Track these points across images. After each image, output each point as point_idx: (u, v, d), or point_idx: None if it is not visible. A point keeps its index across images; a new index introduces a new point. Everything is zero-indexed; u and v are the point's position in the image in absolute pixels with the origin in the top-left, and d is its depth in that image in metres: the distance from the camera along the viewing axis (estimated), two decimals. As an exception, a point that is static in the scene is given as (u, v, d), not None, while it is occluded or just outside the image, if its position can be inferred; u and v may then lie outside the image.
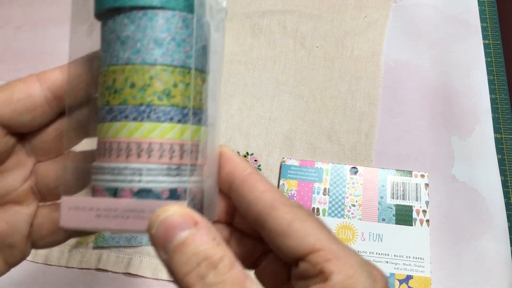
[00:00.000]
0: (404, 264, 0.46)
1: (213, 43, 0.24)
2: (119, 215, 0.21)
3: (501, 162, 0.52)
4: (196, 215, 0.20)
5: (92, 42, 0.24)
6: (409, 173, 0.50)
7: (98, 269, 0.48)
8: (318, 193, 0.50)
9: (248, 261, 0.26)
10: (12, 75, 0.63)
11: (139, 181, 0.21)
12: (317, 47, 0.60)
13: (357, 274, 0.20)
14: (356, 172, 0.51)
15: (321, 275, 0.20)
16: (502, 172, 0.51)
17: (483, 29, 0.60)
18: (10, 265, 0.25)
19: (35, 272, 0.48)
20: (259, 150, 0.54)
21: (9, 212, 0.25)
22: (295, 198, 0.50)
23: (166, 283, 0.47)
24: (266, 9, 0.63)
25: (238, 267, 0.19)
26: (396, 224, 0.48)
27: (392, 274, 0.46)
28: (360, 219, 0.48)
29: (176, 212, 0.20)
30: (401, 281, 0.46)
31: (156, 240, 0.20)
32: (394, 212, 0.49)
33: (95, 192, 0.22)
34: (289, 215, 0.22)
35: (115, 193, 0.22)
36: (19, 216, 0.25)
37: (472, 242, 0.48)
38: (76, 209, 0.21)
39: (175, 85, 0.22)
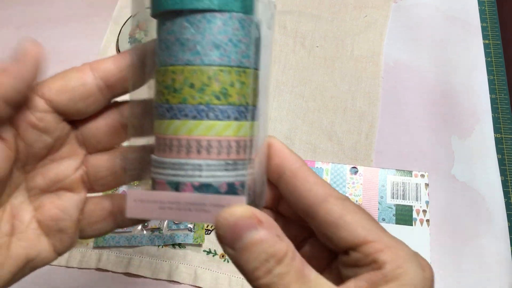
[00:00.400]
0: (404, 264, 0.46)
1: (264, 39, 0.25)
2: (182, 208, 0.22)
3: (501, 162, 0.52)
4: (260, 214, 0.21)
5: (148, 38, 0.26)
6: (409, 173, 0.50)
7: (98, 269, 0.48)
8: (318, 193, 0.50)
9: None
10: (12, 75, 0.63)
11: (200, 176, 0.23)
12: (317, 47, 0.60)
13: (408, 263, 0.21)
14: (356, 172, 0.51)
15: (373, 264, 0.22)
16: (502, 172, 0.51)
17: (483, 29, 0.60)
18: (58, 252, 0.27)
19: (35, 272, 0.48)
20: (259, 150, 0.54)
21: (61, 198, 0.26)
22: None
23: (166, 283, 0.47)
24: (266, 9, 0.63)
25: (298, 256, 0.21)
26: (396, 224, 0.48)
27: (392, 274, 0.46)
28: (360, 219, 0.48)
29: (242, 214, 0.21)
30: (401, 281, 0.46)
31: (224, 240, 0.21)
32: (394, 212, 0.49)
33: (157, 185, 0.24)
34: (340, 208, 0.23)
35: (177, 187, 0.23)
36: (70, 202, 0.27)
37: (472, 242, 0.48)
38: (141, 201, 0.23)
39: (231, 85, 0.23)
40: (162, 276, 0.47)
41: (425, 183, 0.50)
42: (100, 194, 0.28)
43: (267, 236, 0.21)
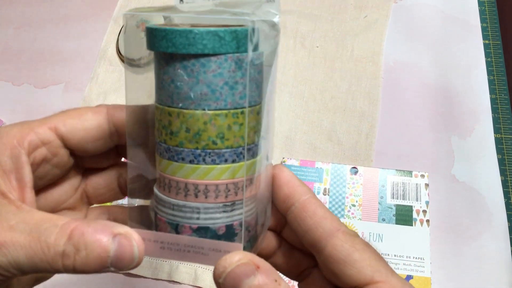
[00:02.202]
0: (404, 264, 0.46)
1: (266, 70, 0.24)
2: (181, 249, 0.23)
3: (501, 162, 0.52)
4: (257, 259, 0.21)
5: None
6: (409, 173, 0.50)
7: (98, 269, 0.48)
8: (318, 193, 0.50)
9: (293, 273, 0.27)
10: (12, 75, 0.63)
11: (198, 218, 0.23)
12: (317, 47, 0.60)
13: None
14: (356, 172, 0.51)
15: None
16: (502, 172, 0.51)
17: (483, 29, 0.60)
18: None
19: (35, 272, 0.48)
20: (259, 150, 0.54)
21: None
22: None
23: (166, 283, 0.47)
24: (266, 9, 0.63)
25: None
26: (396, 224, 0.48)
27: (392, 274, 0.46)
28: (360, 219, 0.48)
29: (240, 261, 0.21)
30: (401, 281, 0.46)
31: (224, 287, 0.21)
32: (394, 212, 0.49)
33: (158, 222, 0.24)
34: (349, 244, 0.23)
35: (176, 228, 0.24)
36: None
37: (472, 242, 0.48)
38: (142, 239, 0.23)
39: (228, 128, 0.23)
40: (162, 276, 0.47)
41: (425, 183, 0.50)
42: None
43: (266, 281, 0.21)
